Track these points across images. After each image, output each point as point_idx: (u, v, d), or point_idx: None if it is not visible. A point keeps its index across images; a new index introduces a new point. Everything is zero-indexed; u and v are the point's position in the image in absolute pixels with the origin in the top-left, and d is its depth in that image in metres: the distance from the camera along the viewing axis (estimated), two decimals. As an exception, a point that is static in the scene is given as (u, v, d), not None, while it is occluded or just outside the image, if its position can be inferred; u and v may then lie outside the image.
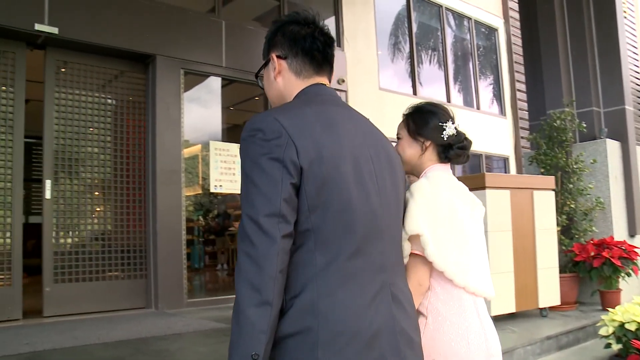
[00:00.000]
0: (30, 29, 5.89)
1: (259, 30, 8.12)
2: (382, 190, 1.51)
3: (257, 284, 1.30)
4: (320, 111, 1.48)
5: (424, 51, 11.22)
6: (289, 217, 1.34)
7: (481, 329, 1.89)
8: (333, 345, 1.34)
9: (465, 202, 1.98)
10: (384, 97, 9.63)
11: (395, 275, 1.52)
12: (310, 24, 1.63)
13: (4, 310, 5.58)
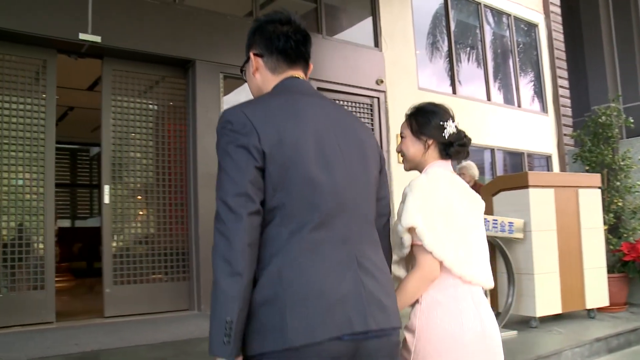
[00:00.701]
0: (75, 39, 6.05)
1: (296, 33, 8.16)
2: (349, 170, 1.64)
3: (227, 257, 1.46)
4: (286, 101, 1.65)
5: (462, 49, 11.08)
6: (255, 197, 1.50)
7: (476, 313, 1.98)
8: (299, 310, 1.46)
9: (463, 197, 2.11)
10: (423, 97, 9.47)
11: (363, 247, 1.63)
12: (285, 23, 1.78)
13: (38, 313, 5.68)
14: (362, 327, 1.52)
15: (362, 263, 1.60)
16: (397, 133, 8.80)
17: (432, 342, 1.95)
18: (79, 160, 15.18)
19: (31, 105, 5.86)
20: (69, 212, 14.91)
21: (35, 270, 5.75)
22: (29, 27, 5.83)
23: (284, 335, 1.45)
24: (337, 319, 1.49)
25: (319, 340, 1.46)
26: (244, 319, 1.48)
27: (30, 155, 5.82)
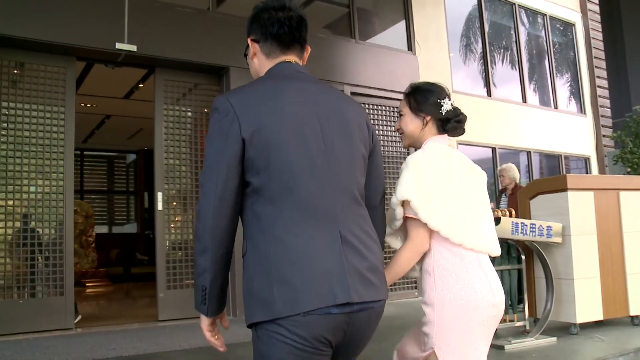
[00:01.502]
0: (112, 48, 6.16)
1: (329, 37, 8.17)
2: (330, 150, 1.70)
3: (199, 235, 1.64)
4: (271, 86, 1.75)
5: (496, 51, 10.95)
6: (229, 182, 1.62)
7: (486, 280, 2.09)
8: (285, 284, 1.57)
9: (462, 169, 2.21)
10: (458, 100, 9.32)
11: (347, 223, 1.69)
12: (279, 9, 1.84)
13: (58, 319, 5.74)
14: (344, 299, 1.59)
15: (347, 239, 1.66)
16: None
17: (452, 311, 2.04)
18: (116, 167, 15.45)
19: (50, 112, 5.93)
20: (106, 219, 15.17)
21: (54, 277, 5.80)
22: (66, 38, 5.97)
23: (272, 307, 1.57)
24: (321, 291, 1.57)
25: (303, 312, 1.55)
26: (218, 287, 1.68)
27: (50, 163, 5.89)
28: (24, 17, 5.73)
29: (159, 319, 6.32)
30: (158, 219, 6.59)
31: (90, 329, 6.02)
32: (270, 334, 1.60)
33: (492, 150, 9.88)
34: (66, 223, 5.91)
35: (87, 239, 12.76)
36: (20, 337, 5.39)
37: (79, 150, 14.69)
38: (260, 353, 1.64)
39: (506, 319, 5.09)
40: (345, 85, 7.92)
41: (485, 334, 2.11)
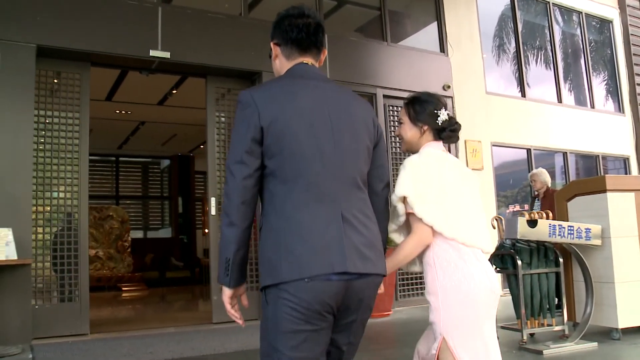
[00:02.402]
0: (146, 56, 6.25)
1: (361, 41, 8.15)
2: (337, 140, 1.94)
3: (227, 211, 1.88)
4: (288, 84, 2.00)
5: (530, 51, 10.77)
6: (249, 164, 1.86)
7: (483, 270, 2.28)
8: (291, 254, 1.80)
9: (455, 172, 2.41)
10: (491, 101, 9.33)
11: (349, 205, 1.91)
12: (299, 17, 2.08)
13: (73, 324, 5.77)
14: (341, 269, 1.81)
15: (347, 218, 1.89)
16: (465, 139, 8.67)
17: (455, 297, 2.23)
18: (150, 172, 15.67)
19: (65, 118, 5.99)
20: (141, 224, 15.38)
21: (70, 282, 5.85)
22: (103, 46, 6.08)
23: (278, 273, 1.81)
24: (320, 261, 1.80)
25: (304, 277, 1.78)
26: (240, 257, 1.90)
27: (65, 169, 5.94)
28: (60, 28, 5.86)
29: (213, 321, 6.45)
30: (212, 224, 6.72)
31: (127, 332, 6.10)
32: (276, 297, 1.83)
33: (527, 151, 9.72)
34: (81, 229, 5.96)
35: (122, 243, 12.97)
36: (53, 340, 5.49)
37: (114, 157, 14.96)
38: (268, 315, 1.88)
39: (544, 323, 4.99)
40: (377, 88, 7.88)
41: (488, 315, 2.29)
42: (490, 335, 2.30)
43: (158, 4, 6.49)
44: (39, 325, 5.53)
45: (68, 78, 6.10)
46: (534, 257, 4.97)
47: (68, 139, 5.98)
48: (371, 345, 5.13)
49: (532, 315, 4.94)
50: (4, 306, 5.19)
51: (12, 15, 5.64)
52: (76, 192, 5.97)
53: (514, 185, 10.30)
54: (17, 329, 5.29)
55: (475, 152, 8.83)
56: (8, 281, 5.27)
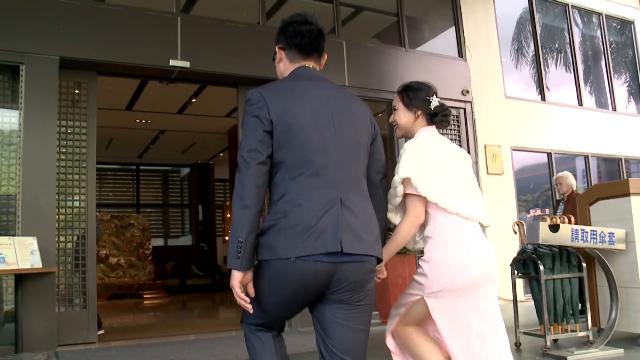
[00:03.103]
0: (166, 65, 6.32)
1: (379, 47, 8.15)
2: (339, 134, 2.12)
3: (240, 194, 1.98)
4: (294, 84, 2.19)
5: (549, 54, 10.69)
6: (262, 151, 2.01)
7: (478, 245, 2.46)
8: (290, 232, 1.97)
9: (450, 151, 2.61)
10: (511, 105, 9.27)
11: (348, 193, 2.08)
12: (302, 24, 2.26)
13: (81, 332, 5.77)
14: (335, 249, 1.95)
15: (346, 204, 2.04)
16: (485, 144, 8.62)
17: (445, 268, 2.40)
18: (171, 181, 15.79)
19: (72, 127, 6.01)
20: (162, 232, 15.49)
21: (78, 292, 5.87)
22: (123, 57, 6.16)
23: (276, 249, 1.98)
24: (316, 242, 1.95)
25: (299, 255, 1.94)
26: (252, 241, 1.98)
27: (72, 177, 5.97)
28: (82, 40, 5.95)
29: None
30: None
31: (149, 339, 6.15)
32: (271, 271, 2.01)
33: (547, 155, 9.63)
34: (88, 236, 5.98)
35: (144, 251, 13.09)
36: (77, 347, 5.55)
37: (134, 165, 15.11)
38: (262, 285, 2.05)
39: (568, 329, 4.94)
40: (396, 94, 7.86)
41: (476, 290, 2.43)
42: (479, 307, 2.44)
43: (177, 14, 6.57)
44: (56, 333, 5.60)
45: (89, 89, 6.17)
46: (557, 262, 4.92)
47: (82, 148, 6.03)
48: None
49: (555, 320, 4.89)
50: (29, 313, 5.26)
51: (36, 28, 5.74)
52: (84, 201, 6.00)
53: (535, 189, 10.21)
54: (43, 335, 5.36)
55: (495, 157, 8.77)
56: (33, 289, 5.34)
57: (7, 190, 5.65)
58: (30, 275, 5.27)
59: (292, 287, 2.00)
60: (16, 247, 5.07)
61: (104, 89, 8.07)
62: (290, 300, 2.06)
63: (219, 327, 6.61)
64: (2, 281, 5.58)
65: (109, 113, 10.02)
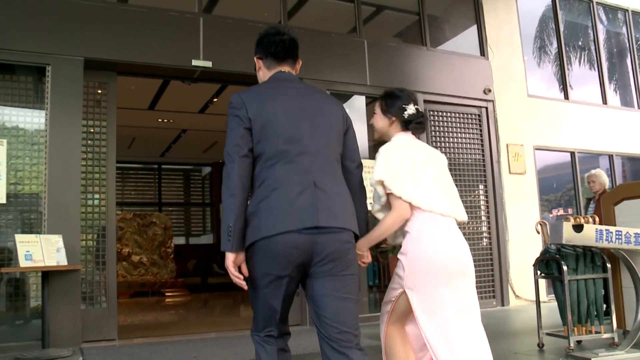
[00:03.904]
0: (188, 65, 6.38)
1: (400, 46, 8.14)
2: (312, 127, 2.41)
3: (227, 184, 2.27)
4: (270, 86, 2.51)
5: (573, 52, 10.57)
6: (243, 146, 2.30)
7: (452, 240, 2.66)
8: (269, 215, 2.26)
9: (423, 154, 2.81)
10: (534, 104, 9.18)
11: (321, 177, 2.35)
12: (276, 34, 2.57)
13: (101, 330, 5.84)
14: (311, 224, 2.23)
15: (319, 186, 2.31)
16: (507, 143, 8.55)
17: (420, 261, 2.60)
18: (192, 179, 15.90)
19: (93, 127, 6.09)
20: (183, 230, 15.60)
21: (98, 290, 5.95)
22: (146, 57, 6.23)
23: (260, 230, 2.25)
24: (294, 219, 2.23)
25: (279, 232, 2.21)
26: (240, 225, 2.26)
27: (92, 176, 6.05)
28: (106, 41, 6.04)
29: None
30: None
31: (172, 337, 6.21)
32: (259, 250, 2.27)
33: (570, 154, 9.53)
34: (108, 234, 6.05)
35: (166, 250, 13.19)
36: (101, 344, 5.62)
37: (156, 164, 15.24)
38: (253, 264, 2.30)
39: (592, 330, 4.89)
40: (417, 94, 7.80)
41: (452, 283, 2.61)
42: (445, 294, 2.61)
43: (199, 14, 6.62)
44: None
45: (109, 88, 6.25)
46: (580, 262, 4.87)
47: (102, 147, 6.11)
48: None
49: (579, 322, 4.84)
50: (56, 310, 5.35)
51: (62, 30, 5.85)
52: (104, 200, 6.07)
53: (557, 189, 10.11)
54: (68, 332, 5.46)
55: (517, 156, 8.70)
56: (59, 286, 5.44)
57: (34, 189, 5.74)
58: (56, 273, 5.37)
59: (279, 260, 2.25)
60: (42, 244, 5.16)
61: (127, 89, 8.17)
62: (280, 275, 2.28)
63: (240, 325, 6.65)
64: (29, 278, 5.68)
65: (132, 113, 10.13)
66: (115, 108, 6.25)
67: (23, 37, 5.68)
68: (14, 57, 5.65)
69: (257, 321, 2.43)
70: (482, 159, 8.37)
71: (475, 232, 8.18)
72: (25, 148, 5.74)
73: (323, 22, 7.81)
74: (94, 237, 6.02)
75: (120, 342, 5.83)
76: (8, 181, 5.52)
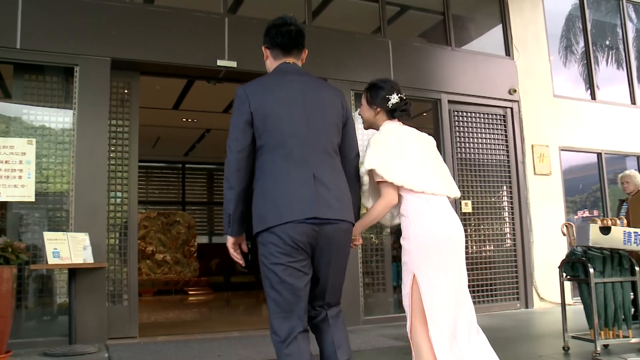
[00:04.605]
0: (213, 65, 6.43)
1: (424, 46, 8.10)
2: (310, 120, 2.53)
3: (227, 176, 2.48)
4: (273, 80, 2.62)
5: (600, 51, 10.41)
6: (243, 140, 2.46)
7: (446, 215, 2.84)
8: (274, 206, 2.42)
9: (413, 138, 2.95)
10: (560, 104, 9.07)
11: (320, 168, 2.49)
12: (282, 25, 2.68)
13: (122, 327, 5.90)
14: (312, 215, 2.39)
15: (318, 178, 2.46)
16: (532, 144, 8.46)
17: (419, 243, 2.77)
18: (215, 179, 16.00)
19: (115, 126, 6.15)
20: (206, 229, 15.70)
21: (120, 288, 6.00)
22: (172, 57, 6.29)
23: (265, 221, 2.43)
24: (296, 210, 2.39)
25: (283, 222, 2.37)
26: (239, 213, 2.50)
27: (116, 175, 6.11)
28: (133, 41, 6.12)
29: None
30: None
31: (194, 335, 6.25)
32: (265, 239, 2.44)
33: (597, 155, 9.39)
34: (130, 233, 6.12)
35: (189, 248, 13.30)
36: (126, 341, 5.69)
37: (180, 164, 15.36)
38: (262, 253, 2.47)
39: (619, 334, 4.81)
40: (442, 94, 7.81)
41: (450, 253, 2.80)
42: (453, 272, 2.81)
43: (225, 14, 6.67)
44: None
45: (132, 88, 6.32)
46: (607, 265, 4.79)
47: (125, 147, 6.19)
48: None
49: (605, 325, 4.77)
50: (82, 307, 5.43)
51: (90, 31, 5.94)
52: (126, 198, 6.14)
53: (583, 190, 9.98)
54: (94, 329, 5.54)
55: (542, 157, 8.60)
56: (85, 284, 5.52)
57: (60, 187, 5.83)
58: (83, 270, 5.45)
59: (286, 249, 2.40)
60: (70, 242, 5.24)
61: (152, 88, 8.26)
62: (290, 260, 2.41)
63: (262, 324, 6.67)
64: (56, 275, 5.77)
65: (157, 112, 10.23)
66: (138, 107, 6.33)
67: (52, 38, 5.78)
68: (43, 58, 5.76)
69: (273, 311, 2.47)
70: (506, 159, 8.29)
71: (500, 233, 8.10)
72: (53, 147, 5.83)
73: (347, 22, 7.80)
74: (116, 235, 6.10)
75: (140, 339, 5.90)
76: (36, 180, 5.61)
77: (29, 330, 5.55)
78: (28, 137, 5.67)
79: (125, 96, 6.27)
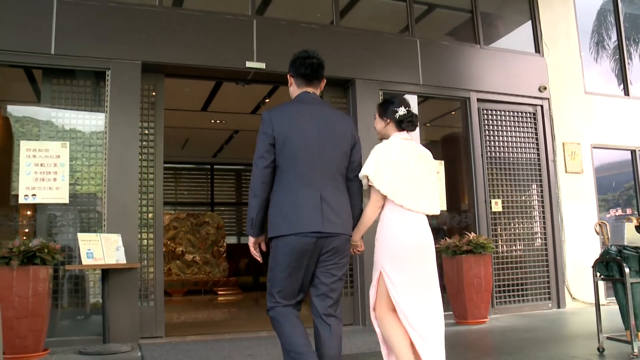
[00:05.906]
0: (242, 67, 6.48)
1: (453, 45, 8.03)
2: (321, 146, 3.02)
3: (253, 187, 2.99)
4: (293, 108, 3.11)
5: (633, 46, 10.21)
6: (267, 158, 2.97)
7: (417, 230, 3.25)
8: (285, 219, 2.94)
9: (412, 155, 3.32)
10: (591, 101, 8.91)
11: (326, 190, 3.00)
12: (307, 58, 3.17)
13: (148, 327, 5.95)
14: (316, 229, 2.91)
15: (324, 198, 2.97)
16: (563, 141, 8.33)
17: (387, 244, 3.25)
18: (244, 180, 16.10)
19: (143, 128, 6.20)
20: (235, 230, 15.80)
21: (146, 286, 6.05)
22: (201, 60, 6.36)
23: (279, 229, 2.95)
24: (304, 224, 2.91)
25: (293, 233, 2.90)
26: (260, 218, 3.00)
27: (146, 176, 6.18)
28: (162, 44, 6.21)
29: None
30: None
31: (224, 335, 6.30)
32: (278, 244, 2.97)
33: (631, 152, 9.21)
34: (156, 234, 6.18)
35: (218, 249, 13.41)
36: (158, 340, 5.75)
37: (209, 165, 15.49)
38: (273, 256, 3.01)
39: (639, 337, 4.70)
40: (471, 92, 7.74)
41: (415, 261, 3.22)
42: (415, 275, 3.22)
43: (253, 16, 6.71)
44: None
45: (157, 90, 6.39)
46: (643, 264, 4.70)
47: (151, 148, 6.27)
48: (468, 353, 5.04)
49: (642, 326, 4.67)
50: (115, 307, 5.52)
51: (121, 35, 6.04)
52: (152, 200, 6.20)
53: (616, 188, 9.80)
54: (127, 328, 5.62)
55: (574, 155, 8.47)
56: (118, 284, 5.61)
57: (92, 189, 5.93)
58: (115, 270, 5.53)
59: (294, 254, 2.93)
60: (103, 243, 5.33)
61: (181, 90, 8.34)
62: (296, 264, 2.96)
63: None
64: (88, 275, 5.87)
65: (185, 114, 10.34)
66: (163, 109, 6.41)
67: (85, 43, 5.89)
68: (75, 62, 5.87)
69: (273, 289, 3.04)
70: (537, 158, 8.18)
71: (530, 232, 8.00)
72: (85, 150, 5.95)
73: (375, 21, 7.79)
74: (145, 235, 6.17)
75: (167, 339, 5.96)
76: (69, 182, 5.72)
77: (64, 329, 5.67)
78: (60, 140, 5.78)
79: (153, 99, 6.35)
